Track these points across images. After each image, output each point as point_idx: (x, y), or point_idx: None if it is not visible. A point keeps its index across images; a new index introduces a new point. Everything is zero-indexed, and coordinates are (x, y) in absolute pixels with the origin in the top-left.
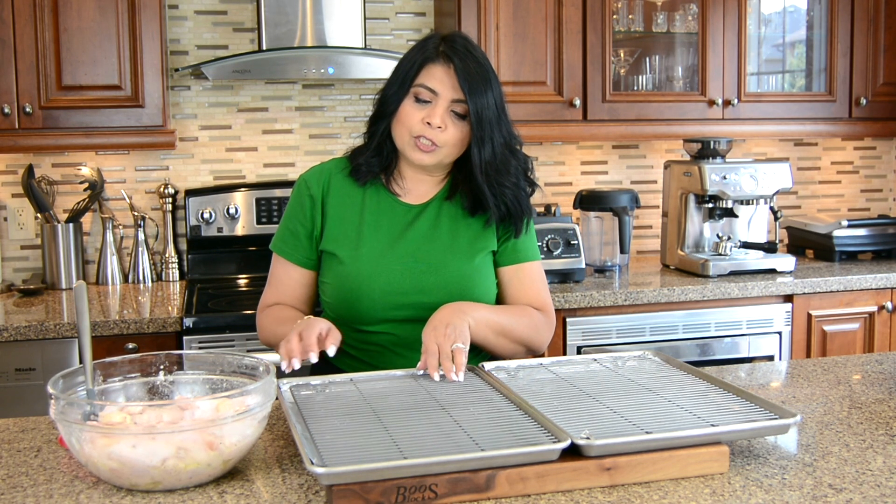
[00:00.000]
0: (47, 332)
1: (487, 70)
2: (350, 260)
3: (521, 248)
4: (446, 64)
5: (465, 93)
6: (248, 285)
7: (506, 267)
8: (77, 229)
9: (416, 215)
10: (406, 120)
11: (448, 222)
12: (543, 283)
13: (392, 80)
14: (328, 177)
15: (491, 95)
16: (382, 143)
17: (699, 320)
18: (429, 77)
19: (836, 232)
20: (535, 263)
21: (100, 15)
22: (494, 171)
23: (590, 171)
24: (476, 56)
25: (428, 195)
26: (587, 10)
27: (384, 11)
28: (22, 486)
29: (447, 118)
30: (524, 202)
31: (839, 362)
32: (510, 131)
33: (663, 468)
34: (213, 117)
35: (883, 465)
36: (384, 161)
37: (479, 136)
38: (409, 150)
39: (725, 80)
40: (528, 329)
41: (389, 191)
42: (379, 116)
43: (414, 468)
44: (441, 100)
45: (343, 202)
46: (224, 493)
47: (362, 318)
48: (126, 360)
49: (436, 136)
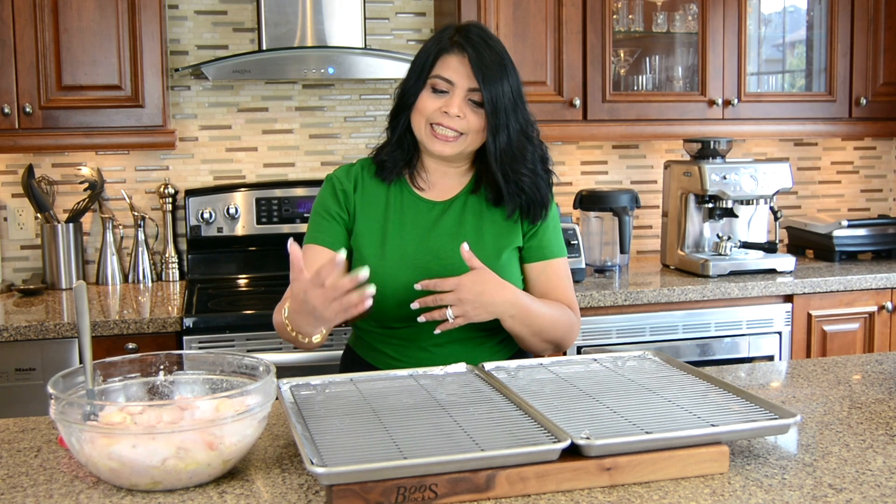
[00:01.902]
0: (47, 332)
1: (503, 58)
2: (375, 259)
3: (548, 245)
4: (461, 54)
5: (479, 82)
6: (248, 285)
7: (533, 264)
8: (77, 229)
9: (440, 213)
10: (424, 111)
11: (473, 219)
12: (569, 280)
13: (410, 74)
14: (356, 175)
15: (507, 83)
16: (403, 135)
17: (699, 320)
18: (444, 67)
19: (836, 232)
20: (562, 260)
21: (100, 15)
22: (510, 159)
23: (590, 171)
24: (491, 45)
25: (453, 191)
26: (587, 10)
27: (384, 11)
28: (22, 486)
29: (465, 107)
30: (542, 189)
31: (839, 362)
32: (527, 119)
33: (663, 468)
34: (213, 117)
35: (883, 465)
36: (406, 154)
37: (495, 124)
38: (429, 141)
39: (725, 80)
40: (564, 329)
41: (413, 188)
42: (399, 110)
43: (414, 468)
44: (457, 89)
45: (369, 201)
46: (224, 493)
47: (388, 316)
48: (126, 360)
49: (455, 124)
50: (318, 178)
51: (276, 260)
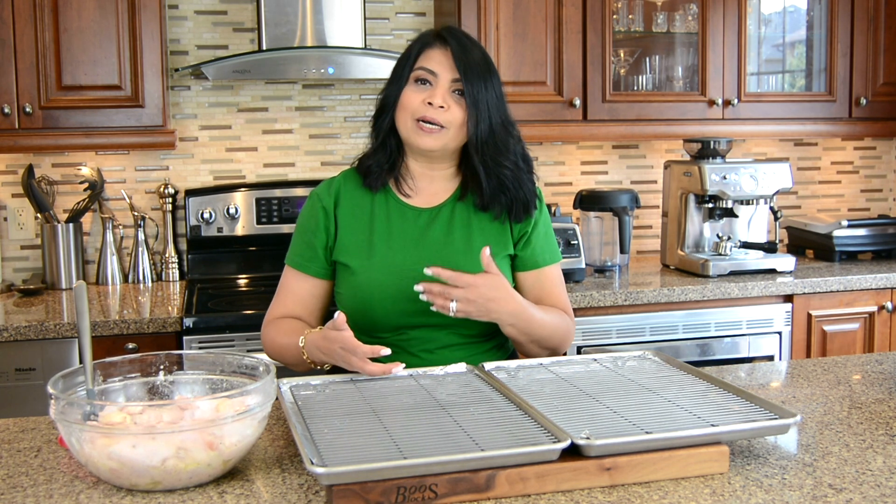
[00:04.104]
0: (47, 332)
1: (486, 56)
2: (362, 270)
3: (540, 253)
4: (444, 46)
5: (461, 73)
6: (248, 285)
7: (527, 272)
8: (77, 229)
9: (428, 220)
10: (408, 104)
11: (462, 227)
12: (562, 285)
13: (392, 77)
14: (338, 188)
15: (490, 80)
16: (387, 137)
17: (699, 320)
18: (427, 60)
19: (836, 232)
20: (555, 266)
21: (100, 15)
22: (492, 149)
23: (590, 171)
24: (472, 41)
25: (439, 198)
26: (587, 10)
27: (384, 11)
28: (22, 486)
29: (449, 98)
30: (526, 185)
31: (839, 362)
32: (509, 118)
33: (663, 468)
34: (213, 117)
35: (883, 465)
36: (390, 157)
37: (475, 114)
38: (414, 136)
39: (725, 80)
40: (561, 337)
41: (399, 196)
42: (381, 111)
43: (414, 468)
44: (441, 80)
45: (353, 212)
46: (224, 493)
47: (378, 326)
48: (126, 360)
49: (439, 116)
50: (318, 178)
51: (275, 260)
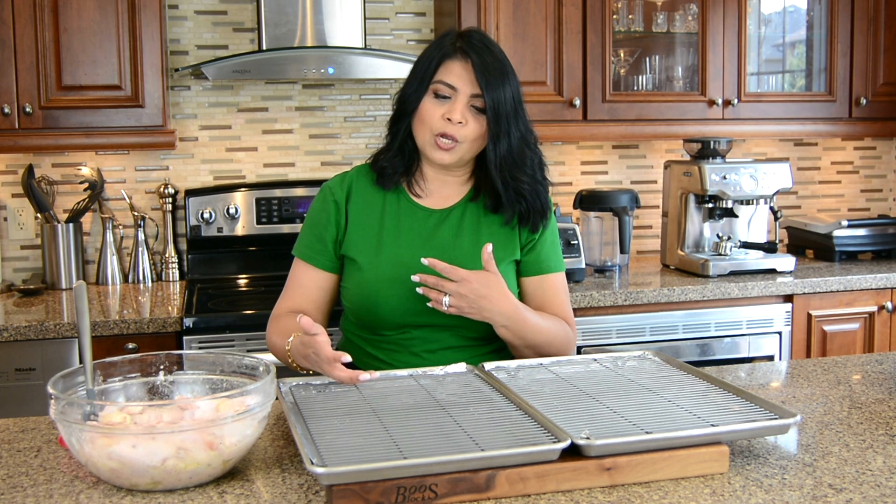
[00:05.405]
0: (47, 332)
1: (504, 64)
2: (369, 266)
3: (545, 259)
4: (464, 59)
5: (482, 88)
6: (248, 285)
7: (530, 278)
8: (77, 229)
9: (438, 221)
10: (427, 117)
11: (471, 229)
12: (566, 294)
13: (411, 79)
14: (350, 183)
15: (508, 89)
16: (404, 142)
17: (699, 320)
18: (447, 73)
19: (836, 232)
20: (559, 275)
21: (100, 15)
22: (510, 166)
23: (590, 171)
24: (493, 51)
25: (452, 199)
26: (587, 10)
27: (384, 11)
28: (22, 486)
29: (467, 113)
30: (542, 196)
31: (839, 362)
32: (527, 126)
33: (663, 468)
34: (213, 117)
35: (883, 465)
36: (407, 160)
37: (496, 131)
38: (430, 150)
39: (725, 80)
40: (560, 346)
41: (411, 195)
42: (399, 115)
43: (414, 468)
44: (460, 95)
45: (364, 209)
46: (224, 493)
47: (382, 324)
48: (126, 360)
49: (457, 132)
50: (318, 178)
51: (275, 260)
